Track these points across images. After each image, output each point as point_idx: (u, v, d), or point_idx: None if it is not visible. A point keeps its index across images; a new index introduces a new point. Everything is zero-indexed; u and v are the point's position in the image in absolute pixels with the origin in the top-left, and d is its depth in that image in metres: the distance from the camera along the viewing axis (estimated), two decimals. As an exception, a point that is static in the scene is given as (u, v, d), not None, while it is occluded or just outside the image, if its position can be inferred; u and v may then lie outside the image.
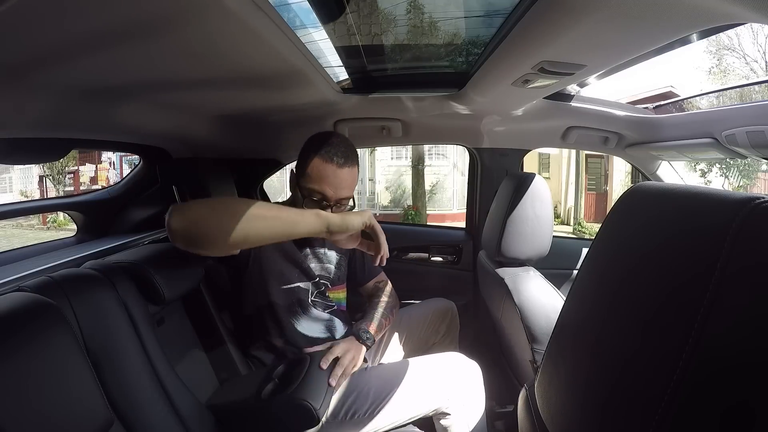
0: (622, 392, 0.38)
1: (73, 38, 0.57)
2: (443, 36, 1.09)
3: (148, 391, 0.81)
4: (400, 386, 1.03)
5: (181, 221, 0.76)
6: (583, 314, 0.50)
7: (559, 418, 0.49)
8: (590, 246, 0.52)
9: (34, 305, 0.65)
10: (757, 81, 1.56)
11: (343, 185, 1.03)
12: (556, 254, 1.30)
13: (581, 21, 0.64)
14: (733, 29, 4.35)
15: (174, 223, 0.75)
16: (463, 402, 1.05)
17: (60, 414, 0.61)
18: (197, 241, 0.78)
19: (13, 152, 0.92)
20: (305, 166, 1.03)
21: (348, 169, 1.03)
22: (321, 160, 1.01)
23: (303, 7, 0.80)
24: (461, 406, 1.05)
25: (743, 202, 0.32)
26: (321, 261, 1.20)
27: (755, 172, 7.63)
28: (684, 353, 0.32)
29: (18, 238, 7.63)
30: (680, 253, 0.36)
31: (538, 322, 0.99)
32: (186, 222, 0.76)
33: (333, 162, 1.01)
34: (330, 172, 1.01)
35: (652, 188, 0.45)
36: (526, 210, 1.12)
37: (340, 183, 1.02)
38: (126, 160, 8.82)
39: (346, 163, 1.02)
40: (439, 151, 10.01)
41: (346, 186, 1.04)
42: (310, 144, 1.05)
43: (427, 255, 1.76)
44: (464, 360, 1.11)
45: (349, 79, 1.28)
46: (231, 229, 0.75)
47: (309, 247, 1.18)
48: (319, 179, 1.01)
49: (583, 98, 1.47)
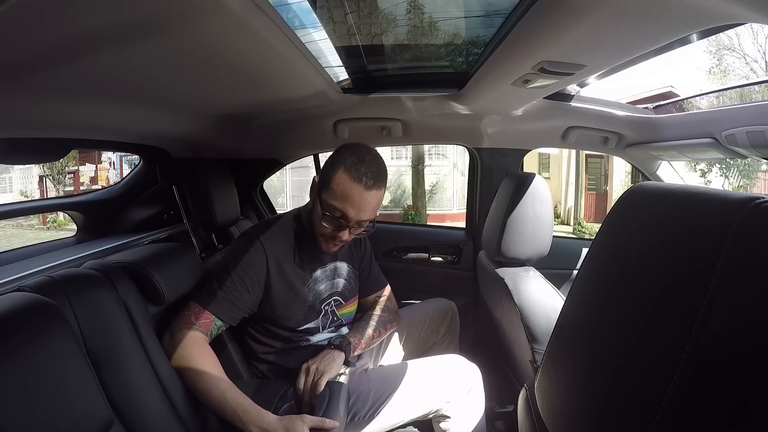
0: (622, 392, 0.38)
1: (73, 38, 0.56)
2: (443, 36, 1.09)
3: (148, 391, 0.81)
4: (399, 388, 1.03)
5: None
6: (583, 314, 0.50)
7: (559, 417, 0.49)
8: (590, 246, 0.52)
9: (34, 305, 0.65)
10: (757, 81, 1.55)
11: (368, 208, 0.96)
12: (556, 254, 1.30)
13: (581, 21, 0.64)
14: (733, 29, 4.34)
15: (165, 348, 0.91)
16: (463, 405, 1.05)
17: (60, 414, 0.61)
18: None
19: (13, 152, 0.92)
20: (330, 180, 0.96)
21: (375, 191, 0.96)
22: (349, 178, 0.94)
23: (303, 7, 0.80)
24: (461, 410, 1.05)
25: (743, 202, 0.32)
26: (331, 278, 1.13)
27: (755, 172, 7.62)
28: (684, 353, 0.32)
29: (18, 238, 7.62)
30: (680, 252, 0.36)
31: (538, 322, 0.99)
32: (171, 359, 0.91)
33: (362, 182, 0.94)
34: (356, 192, 0.94)
35: (652, 188, 0.45)
36: (526, 210, 1.12)
37: (365, 205, 0.96)
38: (126, 160, 8.81)
39: (375, 185, 0.95)
40: (439, 151, 10.01)
41: (370, 209, 0.97)
42: (340, 156, 0.97)
43: (427, 255, 1.76)
44: (464, 363, 1.10)
45: (349, 79, 1.28)
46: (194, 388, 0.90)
47: (320, 268, 1.11)
48: (344, 197, 0.94)
49: (583, 98, 1.47)
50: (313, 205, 1.03)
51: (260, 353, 1.09)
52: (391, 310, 1.24)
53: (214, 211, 1.29)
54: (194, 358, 0.90)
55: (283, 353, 1.08)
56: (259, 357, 1.09)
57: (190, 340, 0.91)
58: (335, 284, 1.14)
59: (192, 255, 1.09)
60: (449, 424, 1.05)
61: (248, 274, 0.99)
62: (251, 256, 1.01)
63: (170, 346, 0.91)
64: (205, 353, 0.92)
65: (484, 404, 1.08)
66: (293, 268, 1.06)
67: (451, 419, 1.05)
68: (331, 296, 1.13)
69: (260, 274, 1.01)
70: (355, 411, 1.01)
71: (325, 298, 1.11)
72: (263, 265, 1.01)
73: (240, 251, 1.02)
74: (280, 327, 1.06)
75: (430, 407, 1.04)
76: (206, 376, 0.89)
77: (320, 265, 1.11)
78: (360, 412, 1.01)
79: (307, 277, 1.08)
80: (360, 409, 1.01)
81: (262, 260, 1.01)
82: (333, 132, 1.51)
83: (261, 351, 1.09)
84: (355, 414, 1.01)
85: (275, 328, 1.06)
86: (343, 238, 1.00)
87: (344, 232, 0.99)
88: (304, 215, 1.10)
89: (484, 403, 1.08)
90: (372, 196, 0.96)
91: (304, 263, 1.08)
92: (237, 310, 0.99)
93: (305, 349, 1.09)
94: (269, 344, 1.08)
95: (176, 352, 0.90)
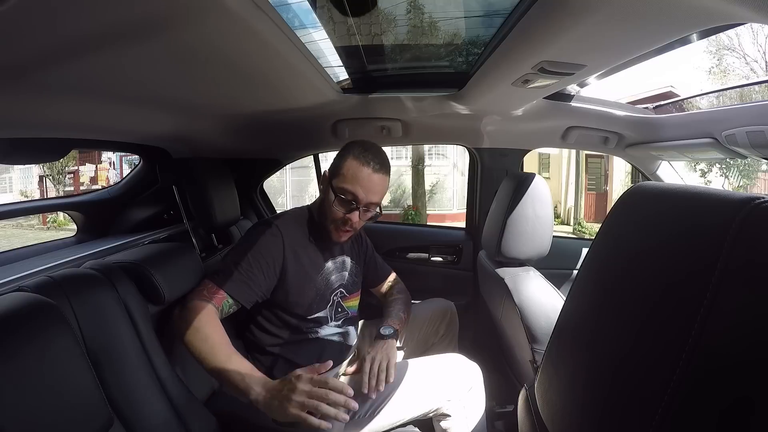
0: (622, 392, 0.38)
1: (73, 38, 0.56)
2: (443, 36, 1.09)
3: (148, 391, 0.81)
4: (400, 387, 1.03)
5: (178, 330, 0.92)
6: (583, 314, 0.50)
7: (559, 417, 0.49)
8: (590, 246, 0.52)
9: (34, 305, 0.65)
10: (757, 81, 1.56)
11: (375, 189, 1.07)
12: (556, 254, 1.30)
13: (581, 21, 0.64)
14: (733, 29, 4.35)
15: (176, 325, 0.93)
16: (464, 404, 1.05)
17: (60, 414, 0.61)
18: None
19: (13, 152, 0.92)
20: (341, 167, 1.07)
21: (381, 175, 1.08)
22: (358, 162, 1.05)
23: (303, 7, 0.80)
24: (461, 408, 1.05)
25: (743, 202, 0.32)
26: (339, 270, 1.21)
27: (755, 172, 7.62)
28: (684, 353, 0.32)
29: (18, 238, 7.62)
30: (680, 252, 0.36)
31: (538, 322, 0.99)
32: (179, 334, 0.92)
33: (369, 165, 1.05)
34: (365, 174, 1.05)
35: (652, 188, 0.45)
36: (526, 210, 1.12)
37: (372, 187, 1.06)
38: (126, 160, 8.82)
39: (380, 169, 1.07)
40: (439, 151, 10.01)
41: (378, 191, 1.08)
42: (349, 147, 1.10)
43: (427, 255, 1.76)
44: (465, 362, 1.11)
45: (349, 79, 1.28)
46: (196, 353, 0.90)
47: (331, 259, 1.18)
48: (353, 180, 1.05)
49: (583, 98, 1.47)
50: (325, 195, 1.11)
51: (267, 345, 1.11)
52: (403, 290, 1.36)
53: (214, 211, 1.30)
54: (203, 325, 0.91)
55: (291, 345, 1.11)
56: (265, 350, 1.11)
57: (201, 310, 0.93)
58: (343, 276, 1.21)
59: (192, 255, 1.09)
60: (450, 423, 1.05)
61: (265, 257, 1.04)
62: (268, 241, 1.06)
63: (180, 316, 0.93)
64: (214, 322, 0.93)
65: (484, 403, 1.09)
66: (308, 255, 1.12)
67: (452, 418, 1.05)
68: (339, 287, 1.19)
69: (276, 259, 1.06)
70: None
71: (335, 289, 1.18)
72: (280, 251, 1.06)
73: (257, 236, 1.07)
74: (291, 314, 1.10)
75: (430, 406, 1.04)
76: (213, 341, 0.90)
77: (331, 256, 1.18)
78: (360, 411, 1.01)
79: (320, 266, 1.15)
80: (360, 407, 1.01)
81: (279, 245, 1.07)
82: (333, 132, 1.51)
83: (268, 343, 1.11)
84: (356, 412, 1.00)
85: (286, 316, 1.10)
86: (354, 220, 1.07)
87: (354, 214, 1.07)
88: (314, 209, 1.17)
89: (484, 401, 1.09)
90: (379, 179, 1.07)
91: (317, 253, 1.15)
92: (251, 292, 1.02)
93: (313, 343, 1.12)
94: (278, 335, 1.10)
95: (186, 320, 0.91)
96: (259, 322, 1.11)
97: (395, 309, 1.24)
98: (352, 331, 1.23)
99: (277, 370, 1.09)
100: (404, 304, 1.28)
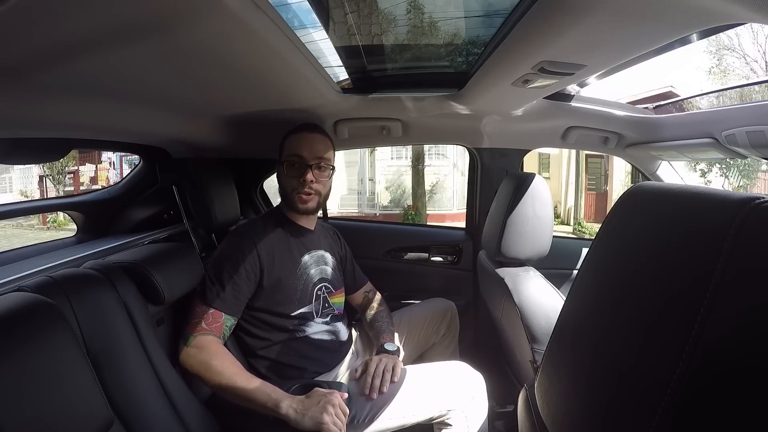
0: (622, 392, 0.38)
1: (73, 38, 0.56)
2: (443, 36, 1.09)
3: (148, 391, 0.81)
4: (401, 392, 1.03)
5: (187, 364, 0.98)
6: (583, 314, 0.50)
7: (560, 418, 0.49)
8: (590, 246, 0.52)
9: (34, 305, 0.65)
10: (757, 81, 1.56)
11: (317, 146, 1.14)
12: (556, 254, 1.30)
13: (581, 21, 0.64)
14: (733, 29, 4.35)
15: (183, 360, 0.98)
16: (466, 414, 1.03)
17: (60, 414, 0.61)
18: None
19: (13, 152, 0.92)
20: (282, 147, 1.18)
21: (319, 135, 1.16)
22: (293, 134, 1.16)
23: (303, 7, 0.80)
24: (463, 418, 1.03)
25: (743, 202, 0.32)
26: (318, 264, 1.21)
27: (755, 172, 7.62)
28: (684, 353, 0.32)
29: (18, 238, 7.62)
30: (680, 253, 0.36)
31: (538, 322, 0.99)
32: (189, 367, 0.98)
33: (303, 130, 1.15)
34: (302, 137, 1.14)
35: (652, 188, 0.45)
36: (526, 210, 1.12)
37: (313, 144, 1.13)
38: (126, 160, 8.82)
39: (315, 129, 1.16)
40: (439, 151, 10.00)
41: (319, 147, 1.14)
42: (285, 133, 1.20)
43: (427, 255, 1.76)
44: (469, 370, 1.10)
45: (349, 79, 1.28)
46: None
47: (307, 253, 1.20)
48: (295, 146, 1.14)
49: (583, 98, 1.47)
50: (279, 178, 1.20)
51: (258, 350, 1.11)
52: (383, 300, 1.38)
53: (214, 211, 1.30)
54: (213, 360, 0.96)
55: (281, 347, 1.11)
56: (257, 354, 1.11)
57: (206, 344, 0.98)
58: (324, 270, 1.22)
59: (192, 255, 1.09)
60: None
61: (243, 265, 1.07)
62: (243, 249, 1.10)
63: (187, 355, 0.97)
64: (222, 353, 0.98)
65: (487, 412, 1.07)
66: (282, 254, 1.15)
67: (453, 427, 1.03)
68: (322, 281, 1.20)
69: (254, 264, 1.09)
70: (354, 413, 1.00)
71: (316, 282, 1.19)
72: (254, 255, 1.10)
73: (231, 248, 1.11)
74: (275, 314, 1.11)
75: (431, 413, 1.03)
76: (228, 373, 0.95)
77: (306, 250, 1.20)
78: (359, 415, 1.00)
79: (297, 261, 1.17)
80: (359, 411, 1.01)
81: (253, 251, 1.10)
82: (333, 132, 1.51)
83: (258, 347, 1.11)
84: (354, 416, 1.00)
85: (271, 317, 1.10)
86: (308, 179, 1.12)
87: (307, 173, 1.12)
88: (281, 205, 1.23)
89: (487, 411, 1.07)
90: (317, 138, 1.15)
91: (292, 249, 1.18)
92: (240, 303, 1.07)
93: (301, 341, 1.12)
94: (266, 338, 1.11)
95: (194, 358, 0.97)
96: (246, 328, 1.11)
97: (383, 325, 1.26)
98: (341, 328, 1.21)
99: (272, 373, 1.09)
100: (389, 316, 1.32)
